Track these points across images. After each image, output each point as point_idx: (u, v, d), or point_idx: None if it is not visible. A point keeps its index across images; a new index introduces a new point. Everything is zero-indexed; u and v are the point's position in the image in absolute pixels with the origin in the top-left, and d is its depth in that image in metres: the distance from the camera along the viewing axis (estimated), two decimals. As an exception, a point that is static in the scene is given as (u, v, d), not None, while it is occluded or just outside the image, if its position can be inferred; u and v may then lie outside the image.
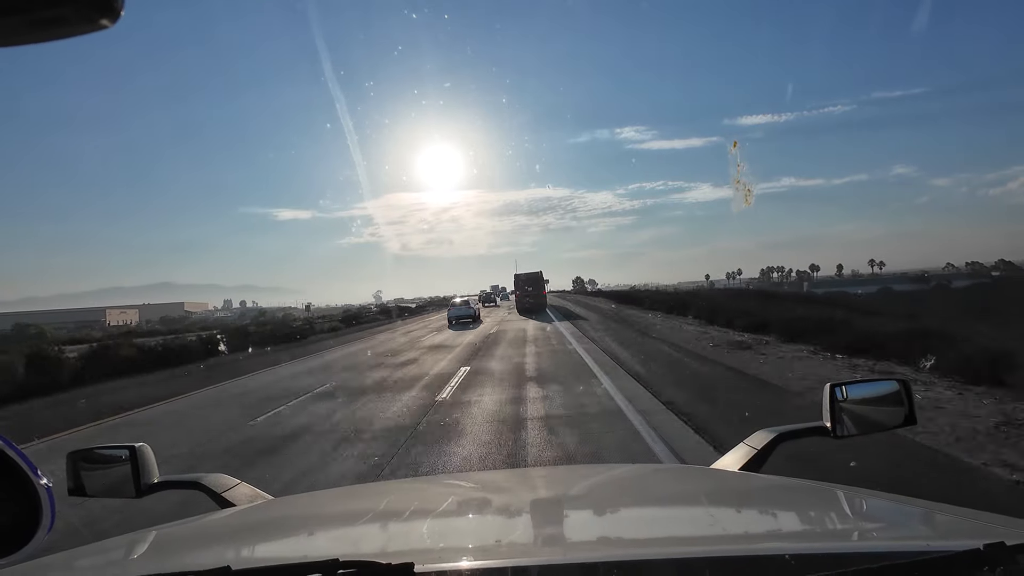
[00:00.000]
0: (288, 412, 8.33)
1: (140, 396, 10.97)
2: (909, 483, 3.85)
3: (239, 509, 1.40)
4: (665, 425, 5.97)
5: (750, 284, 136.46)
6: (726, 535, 1.00)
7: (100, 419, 9.00)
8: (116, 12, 0.44)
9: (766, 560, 0.76)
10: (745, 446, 1.48)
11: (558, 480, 1.74)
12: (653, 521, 1.16)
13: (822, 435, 1.43)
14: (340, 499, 1.67)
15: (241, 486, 1.52)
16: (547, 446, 5.52)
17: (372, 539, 1.14)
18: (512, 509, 1.33)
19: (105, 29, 0.45)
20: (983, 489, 3.82)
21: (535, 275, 37.51)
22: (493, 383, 9.57)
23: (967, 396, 6.25)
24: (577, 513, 1.24)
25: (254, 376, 13.45)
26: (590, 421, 6.39)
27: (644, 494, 1.42)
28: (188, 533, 1.27)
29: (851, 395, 1.43)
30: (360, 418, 7.48)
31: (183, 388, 11.77)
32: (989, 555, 0.63)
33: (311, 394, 9.77)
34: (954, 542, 0.77)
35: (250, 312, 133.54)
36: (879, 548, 0.83)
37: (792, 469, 2.66)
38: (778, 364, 9.32)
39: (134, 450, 1.41)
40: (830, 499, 1.19)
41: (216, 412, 8.99)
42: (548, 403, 7.53)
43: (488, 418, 6.95)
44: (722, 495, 1.30)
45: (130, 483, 1.40)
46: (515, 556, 0.86)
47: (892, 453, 4.41)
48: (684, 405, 6.75)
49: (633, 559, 0.79)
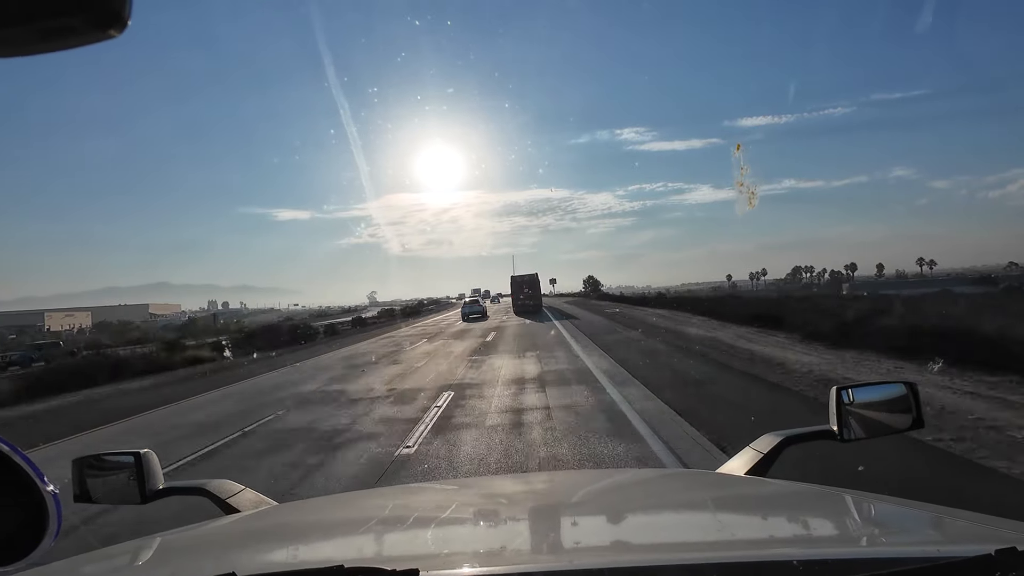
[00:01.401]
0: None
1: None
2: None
3: (243, 515, 1.40)
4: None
5: (780, 286, 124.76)
6: (733, 540, 0.99)
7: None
8: (124, 22, 0.44)
9: (773, 566, 0.75)
10: (751, 450, 1.47)
11: (563, 485, 1.73)
12: (659, 526, 1.15)
13: (829, 439, 1.42)
14: (344, 505, 1.67)
15: (246, 492, 1.52)
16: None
17: (377, 545, 1.14)
18: (517, 514, 1.32)
19: (113, 39, 0.45)
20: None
21: (532, 277, 37.80)
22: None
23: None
24: (582, 519, 1.24)
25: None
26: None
27: (650, 499, 1.41)
28: (193, 539, 1.27)
29: (858, 399, 1.42)
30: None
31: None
32: (1001, 560, 0.62)
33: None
34: (965, 547, 0.76)
35: (225, 315, 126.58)
36: (888, 553, 0.82)
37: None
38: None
39: (139, 456, 1.41)
40: (838, 504, 1.18)
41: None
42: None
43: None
44: (729, 500, 1.29)
45: (135, 489, 1.40)
46: (520, 562, 0.85)
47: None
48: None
49: (639, 565, 0.78)
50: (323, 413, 8.89)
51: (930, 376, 7.89)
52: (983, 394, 6.72)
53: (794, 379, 8.51)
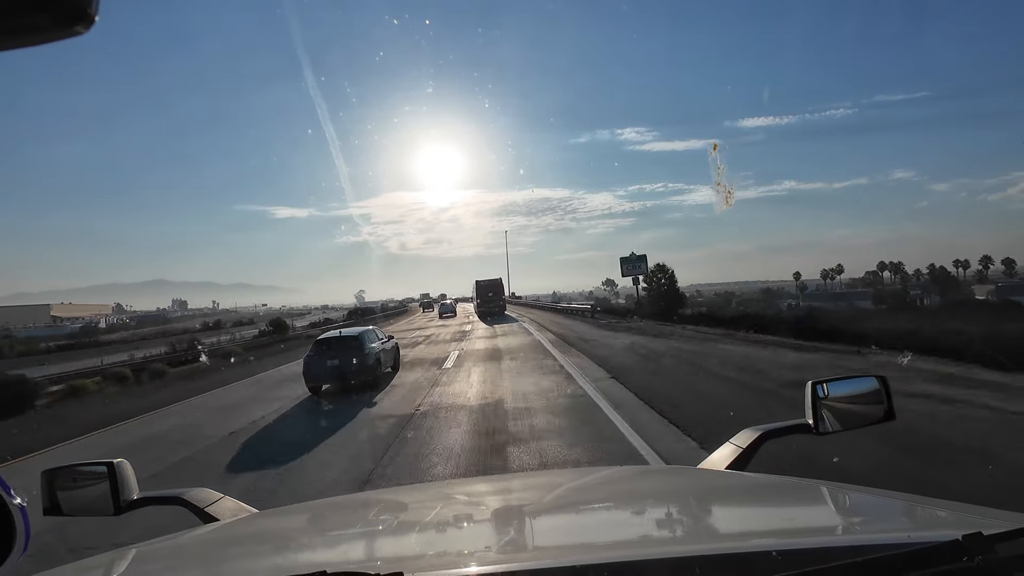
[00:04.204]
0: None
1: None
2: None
3: (223, 523, 1.37)
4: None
5: (866, 289, 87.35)
6: (715, 534, 1.02)
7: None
8: (91, 19, 0.44)
9: (754, 557, 0.77)
10: (731, 445, 1.51)
11: (546, 484, 1.75)
12: (642, 522, 1.18)
13: (805, 432, 1.47)
14: (326, 510, 1.65)
15: (225, 500, 1.49)
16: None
17: (360, 549, 1.13)
18: (501, 515, 1.33)
19: (80, 35, 0.45)
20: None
21: (495, 281, 38.36)
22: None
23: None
24: (566, 517, 1.25)
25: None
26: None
27: (632, 496, 1.43)
28: (170, 550, 1.24)
29: (832, 392, 1.46)
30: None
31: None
32: (968, 545, 0.66)
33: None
34: (934, 533, 0.80)
35: (171, 316, 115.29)
36: (862, 542, 0.86)
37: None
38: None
39: (112, 466, 1.38)
40: (815, 495, 1.22)
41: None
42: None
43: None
44: (710, 494, 1.32)
45: (108, 500, 1.37)
46: (506, 562, 0.86)
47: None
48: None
49: (623, 560, 0.79)
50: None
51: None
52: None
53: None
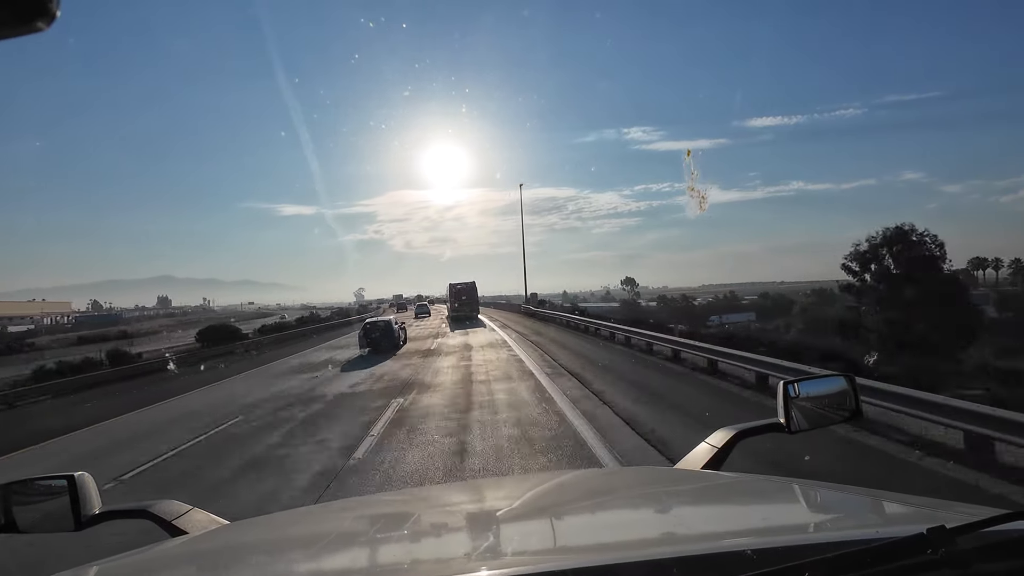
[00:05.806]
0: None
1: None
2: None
3: (191, 537, 1.32)
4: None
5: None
6: (691, 534, 1.02)
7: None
8: (51, 15, 0.44)
9: (729, 556, 0.78)
10: (706, 445, 1.52)
11: (521, 488, 1.73)
12: (619, 524, 1.17)
13: (777, 431, 1.49)
14: (299, 521, 1.60)
15: (194, 512, 1.44)
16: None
17: (334, 559, 1.10)
18: (478, 521, 1.32)
19: (40, 32, 0.45)
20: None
21: (469, 285, 38.14)
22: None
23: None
24: (543, 521, 1.25)
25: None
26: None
27: (609, 498, 1.43)
28: (134, 566, 1.18)
29: (803, 392, 1.50)
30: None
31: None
32: (932, 538, 0.68)
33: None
34: (900, 527, 0.84)
35: (127, 316, 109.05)
36: (833, 538, 0.88)
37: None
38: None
39: (73, 479, 1.32)
40: (788, 494, 1.25)
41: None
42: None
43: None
44: (685, 495, 1.33)
45: (69, 515, 1.31)
46: (484, 569, 0.85)
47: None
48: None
49: (601, 564, 0.80)
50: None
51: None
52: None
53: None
